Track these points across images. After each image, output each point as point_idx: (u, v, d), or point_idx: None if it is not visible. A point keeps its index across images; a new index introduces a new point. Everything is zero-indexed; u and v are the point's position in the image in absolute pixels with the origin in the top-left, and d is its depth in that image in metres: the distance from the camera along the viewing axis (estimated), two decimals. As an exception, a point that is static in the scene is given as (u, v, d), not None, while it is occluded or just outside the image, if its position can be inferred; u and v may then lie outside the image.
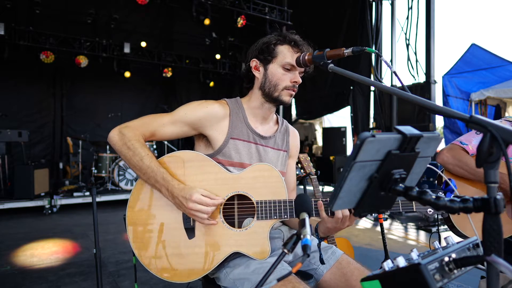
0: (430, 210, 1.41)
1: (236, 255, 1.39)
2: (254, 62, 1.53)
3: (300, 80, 1.49)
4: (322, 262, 1.47)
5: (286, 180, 1.63)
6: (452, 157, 1.84)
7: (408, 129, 0.70)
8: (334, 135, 8.95)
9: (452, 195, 1.40)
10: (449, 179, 1.38)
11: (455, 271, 0.69)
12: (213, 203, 1.30)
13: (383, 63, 5.84)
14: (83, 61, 7.80)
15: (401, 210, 1.36)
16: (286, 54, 1.46)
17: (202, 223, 1.35)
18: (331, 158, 8.47)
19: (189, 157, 1.43)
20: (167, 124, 1.45)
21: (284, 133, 1.66)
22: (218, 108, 1.47)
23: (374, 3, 7.84)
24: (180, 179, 1.38)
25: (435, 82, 6.79)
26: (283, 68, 1.46)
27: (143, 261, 1.37)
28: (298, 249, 1.56)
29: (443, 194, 1.39)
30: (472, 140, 1.90)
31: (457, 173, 1.85)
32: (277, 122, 1.66)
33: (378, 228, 5.07)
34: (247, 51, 1.59)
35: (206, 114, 1.45)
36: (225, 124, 1.48)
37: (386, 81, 7.75)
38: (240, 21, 7.66)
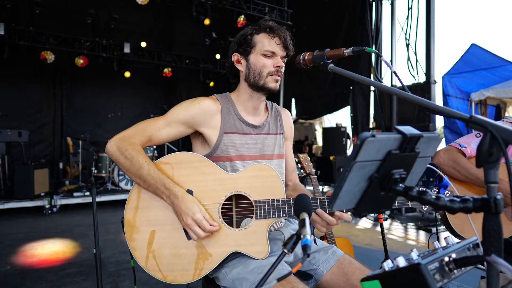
0: (425, 206, 1.42)
1: (235, 255, 1.39)
2: (235, 56, 1.54)
3: (283, 64, 1.50)
4: (315, 242, 1.52)
5: (285, 162, 1.66)
6: (448, 159, 1.85)
7: (408, 129, 0.70)
8: (334, 135, 8.95)
9: (446, 191, 1.42)
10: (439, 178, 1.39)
11: (455, 271, 0.69)
12: (210, 229, 1.31)
13: (383, 63, 5.83)
14: (83, 61, 7.81)
15: (397, 206, 1.37)
16: (263, 42, 1.48)
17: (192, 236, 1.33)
18: (331, 158, 8.46)
19: (187, 159, 1.42)
20: (162, 127, 1.45)
21: (276, 116, 1.67)
22: (209, 104, 1.48)
23: (374, 3, 7.84)
24: (178, 180, 1.38)
25: (435, 82, 6.79)
26: (264, 56, 1.48)
27: (142, 263, 1.36)
28: (299, 250, 1.56)
29: (437, 191, 1.41)
30: (471, 143, 1.90)
31: (452, 175, 1.86)
32: (266, 108, 1.67)
33: (378, 228, 5.07)
34: None
35: (199, 110, 1.46)
36: (218, 120, 1.49)
37: (386, 81, 7.74)
38: (241, 21, 7.66)
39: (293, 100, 10.81)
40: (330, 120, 12.60)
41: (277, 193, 1.39)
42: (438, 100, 6.52)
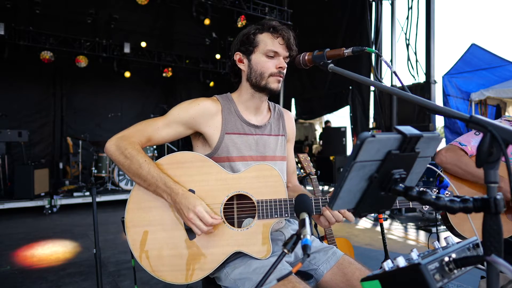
0: (425, 206, 1.42)
1: (237, 255, 1.39)
2: (237, 55, 1.53)
3: (285, 65, 1.49)
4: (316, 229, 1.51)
5: (286, 164, 1.65)
6: (450, 157, 1.85)
7: (408, 129, 0.70)
8: (334, 135, 8.95)
9: (446, 191, 1.42)
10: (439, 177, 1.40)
11: (455, 271, 0.69)
12: (212, 222, 1.29)
13: (383, 63, 5.84)
14: (83, 61, 7.81)
15: (398, 206, 1.37)
16: (266, 41, 1.47)
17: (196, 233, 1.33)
18: (331, 158, 8.47)
19: (188, 158, 1.42)
20: (162, 127, 1.44)
21: (279, 118, 1.66)
22: (210, 104, 1.48)
23: (374, 3, 7.84)
24: (179, 180, 1.37)
25: (435, 82, 6.79)
26: (266, 56, 1.46)
27: (143, 263, 1.35)
28: (300, 250, 1.56)
29: (437, 191, 1.41)
30: (471, 141, 1.90)
31: (455, 173, 1.86)
32: (269, 109, 1.66)
33: (378, 228, 5.07)
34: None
35: (199, 111, 1.45)
36: (218, 120, 1.48)
37: (386, 81, 7.74)
38: (240, 21, 7.67)
39: (293, 100, 10.81)
40: (330, 120, 12.61)
41: (279, 193, 1.38)
42: (438, 100, 6.52)
